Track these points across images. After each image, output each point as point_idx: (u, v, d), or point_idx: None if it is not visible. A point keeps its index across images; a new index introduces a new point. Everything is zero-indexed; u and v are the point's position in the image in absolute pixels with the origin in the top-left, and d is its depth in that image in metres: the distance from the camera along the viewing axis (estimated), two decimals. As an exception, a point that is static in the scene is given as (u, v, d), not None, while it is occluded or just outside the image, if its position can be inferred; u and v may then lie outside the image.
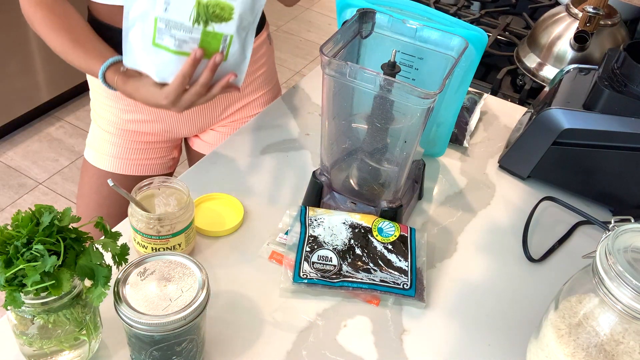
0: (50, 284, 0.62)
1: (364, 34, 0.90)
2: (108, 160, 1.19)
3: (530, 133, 1.03)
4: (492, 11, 1.76)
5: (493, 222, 0.99)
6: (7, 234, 0.64)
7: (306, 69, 2.99)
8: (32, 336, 0.69)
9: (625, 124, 0.94)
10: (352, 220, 0.90)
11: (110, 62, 0.96)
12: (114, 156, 1.19)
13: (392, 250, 0.87)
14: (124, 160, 1.19)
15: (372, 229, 0.89)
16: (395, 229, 0.89)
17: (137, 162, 1.21)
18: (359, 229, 0.89)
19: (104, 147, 1.19)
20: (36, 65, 2.32)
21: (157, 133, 1.19)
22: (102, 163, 1.19)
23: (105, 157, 1.19)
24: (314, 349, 0.78)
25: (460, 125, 1.13)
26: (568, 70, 1.11)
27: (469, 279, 0.90)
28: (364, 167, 0.92)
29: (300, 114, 1.18)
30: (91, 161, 1.20)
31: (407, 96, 0.79)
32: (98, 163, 1.19)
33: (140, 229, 0.81)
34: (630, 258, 0.63)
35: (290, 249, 0.88)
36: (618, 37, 1.39)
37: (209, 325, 0.76)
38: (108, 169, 1.19)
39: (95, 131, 1.21)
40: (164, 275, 0.69)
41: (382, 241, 0.88)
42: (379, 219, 0.90)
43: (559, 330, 0.69)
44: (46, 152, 2.37)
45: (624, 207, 1.01)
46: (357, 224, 0.90)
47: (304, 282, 0.83)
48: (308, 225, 0.90)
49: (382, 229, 0.89)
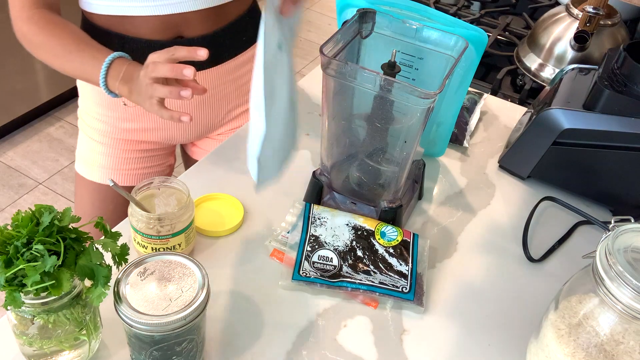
0: (50, 284, 0.62)
1: (364, 34, 0.90)
2: (101, 172, 1.16)
3: (530, 133, 1.03)
4: (492, 11, 1.76)
5: (493, 222, 0.99)
6: (7, 234, 0.64)
7: (306, 69, 2.99)
8: (32, 336, 0.69)
9: (625, 124, 0.94)
10: (356, 223, 0.90)
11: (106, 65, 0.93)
12: (107, 167, 1.16)
13: (394, 254, 0.87)
14: (119, 171, 1.17)
15: (375, 232, 0.89)
16: (398, 233, 0.89)
17: (132, 172, 1.18)
18: (362, 231, 0.89)
19: (96, 158, 1.16)
20: (36, 65, 2.32)
21: (153, 141, 1.18)
22: (96, 175, 1.16)
23: (98, 169, 1.16)
24: (314, 349, 0.78)
25: (460, 125, 1.13)
26: (568, 70, 1.11)
27: (469, 279, 0.90)
28: (364, 167, 0.92)
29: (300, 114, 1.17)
30: (84, 174, 1.18)
31: (407, 96, 0.79)
32: (91, 176, 1.17)
33: (140, 229, 0.81)
34: (630, 258, 0.63)
35: (291, 248, 0.88)
36: (618, 37, 1.39)
37: (209, 325, 0.76)
38: (103, 181, 1.16)
39: (85, 143, 1.18)
40: (164, 275, 0.68)
41: (384, 245, 0.88)
42: (382, 223, 0.90)
43: (559, 330, 0.69)
44: (46, 152, 2.37)
45: (624, 207, 1.01)
46: (360, 227, 0.90)
47: (303, 280, 0.84)
48: (311, 223, 0.89)
49: (385, 233, 0.89)
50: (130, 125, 1.14)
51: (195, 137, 1.21)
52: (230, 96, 1.17)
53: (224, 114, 1.19)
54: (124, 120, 1.13)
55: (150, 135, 1.16)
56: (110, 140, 1.15)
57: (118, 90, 0.94)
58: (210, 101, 1.14)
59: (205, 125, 1.18)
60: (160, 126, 1.15)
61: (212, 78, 1.11)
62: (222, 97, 1.16)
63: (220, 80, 1.13)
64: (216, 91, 1.13)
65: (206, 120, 1.17)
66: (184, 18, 1.02)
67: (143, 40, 1.03)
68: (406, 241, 0.89)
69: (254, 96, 0.75)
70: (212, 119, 1.18)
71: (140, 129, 1.14)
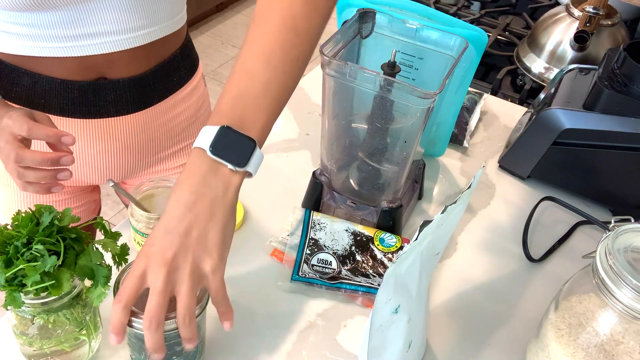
0: (50, 284, 0.62)
1: (364, 34, 0.90)
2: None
3: (530, 133, 1.03)
4: (492, 11, 1.76)
5: (493, 222, 0.99)
6: (7, 234, 0.64)
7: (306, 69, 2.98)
8: (32, 336, 0.69)
9: (625, 124, 0.94)
10: (355, 229, 0.90)
11: None
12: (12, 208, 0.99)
13: (392, 259, 0.87)
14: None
15: (374, 238, 0.89)
16: (397, 240, 0.89)
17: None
18: (361, 237, 0.89)
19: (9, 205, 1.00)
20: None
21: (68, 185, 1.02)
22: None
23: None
24: (314, 349, 0.78)
25: (460, 125, 1.13)
26: (568, 70, 1.11)
27: (469, 279, 0.90)
28: (363, 167, 0.92)
29: (300, 114, 1.18)
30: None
31: (407, 96, 0.79)
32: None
33: (140, 229, 0.81)
34: (630, 258, 0.63)
35: (291, 249, 0.88)
36: (618, 37, 1.39)
37: (208, 325, 0.76)
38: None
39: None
40: None
41: (384, 250, 0.88)
42: (380, 231, 0.90)
43: (559, 330, 0.69)
44: (46, 152, 2.36)
45: (624, 207, 1.01)
46: (360, 232, 0.90)
47: (302, 281, 0.84)
48: (310, 227, 0.90)
49: (384, 239, 0.89)
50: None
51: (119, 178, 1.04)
52: (159, 139, 1.02)
53: (150, 158, 1.03)
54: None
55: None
56: (8, 181, 0.98)
57: None
58: (135, 147, 0.99)
59: (129, 170, 1.02)
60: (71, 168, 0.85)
61: (139, 122, 0.96)
62: (149, 142, 1.00)
63: (148, 125, 0.98)
64: (143, 136, 0.98)
65: (129, 165, 1.01)
66: (107, 59, 0.86)
67: (58, 80, 0.87)
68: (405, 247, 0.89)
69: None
70: (137, 164, 1.02)
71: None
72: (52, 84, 0.87)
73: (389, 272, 0.58)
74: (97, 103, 0.90)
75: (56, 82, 0.87)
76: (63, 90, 0.87)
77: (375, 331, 0.62)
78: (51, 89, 0.87)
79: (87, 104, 0.90)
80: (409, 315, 0.66)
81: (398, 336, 0.67)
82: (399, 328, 0.66)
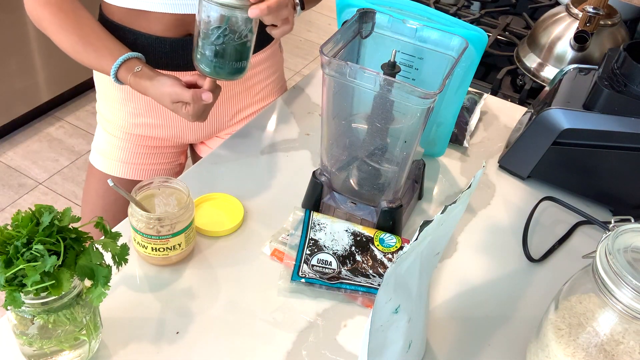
0: (50, 284, 0.62)
1: (364, 34, 0.90)
2: (115, 165, 1.18)
3: (530, 133, 1.03)
4: (492, 11, 1.76)
5: (493, 222, 0.99)
6: (7, 234, 0.64)
7: (306, 69, 2.99)
8: (32, 336, 0.69)
9: (625, 124, 0.94)
10: (355, 229, 0.90)
11: (121, 60, 0.97)
12: (121, 161, 1.18)
13: (392, 259, 0.87)
14: (132, 165, 1.19)
15: (374, 238, 0.89)
16: (397, 240, 0.89)
17: (144, 167, 1.20)
18: (361, 237, 0.89)
19: (111, 151, 1.18)
20: (36, 65, 2.32)
21: (164, 138, 1.19)
22: (110, 168, 1.18)
23: (112, 162, 1.18)
24: (314, 349, 0.78)
25: (460, 125, 1.13)
26: (568, 70, 1.11)
27: (469, 279, 0.90)
28: (363, 167, 0.92)
29: (300, 114, 1.18)
30: (98, 166, 1.20)
31: (407, 96, 0.79)
32: (105, 168, 1.19)
33: (140, 229, 0.81)
34: (630, 258, 0.63)
35: (291, 249, 0.88)
36: (618, 37, 1.39)
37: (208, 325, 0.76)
38: (116, 174, 1.18)
39: (101, 135, 1.20)
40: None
41: (383, 251, 0.88)
42: (380, 231, 0.90)
43: (559, 330, 0.69)
44: (46, 152, 2.36)
45: (624, 207, 1.01)
46: (360, 233, 0.90)
47: (302, 281, 0.84)
48: (310, 228, 0.90)
49: (384, 239, 0.89)
50: (140, 120, 1.15)
51: (204, 137, 1.22)
52: (240, 96, 1.18)
53: (232, 114, 1.20)
54: (134, 115, 1.15)
55: (160, 131, 1.17)
56: (124, 134, 1.18)
57: (130, 82, 0.97)
58: (219, 100, 1.13)
59: (214, 125, 1.19)
60: (169, 123, 1.16)
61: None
62: (231, 97, 1.17)
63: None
64: (225, 90, 1.13)
65: (215, 119, 1.18)
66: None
67: (154, 37, 1.05)
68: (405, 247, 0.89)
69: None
70: (221, 118, 1.19)
71: (150, 125, 1.16)
72: (149, 40, 1.05)
73: (389, 272, 0.58)
74: (185, 57, 1.06)
75: (152, 38, 1.04)
76: (157, 45, 1.04)
77: (375, 331, 0.63)
78: (148, 44, 1.05)
79: (177, 58, 1.06)
80: (409, 315, 0.66)
81: (398, 336, 0.67)
82: (399, 328, 0.67)
